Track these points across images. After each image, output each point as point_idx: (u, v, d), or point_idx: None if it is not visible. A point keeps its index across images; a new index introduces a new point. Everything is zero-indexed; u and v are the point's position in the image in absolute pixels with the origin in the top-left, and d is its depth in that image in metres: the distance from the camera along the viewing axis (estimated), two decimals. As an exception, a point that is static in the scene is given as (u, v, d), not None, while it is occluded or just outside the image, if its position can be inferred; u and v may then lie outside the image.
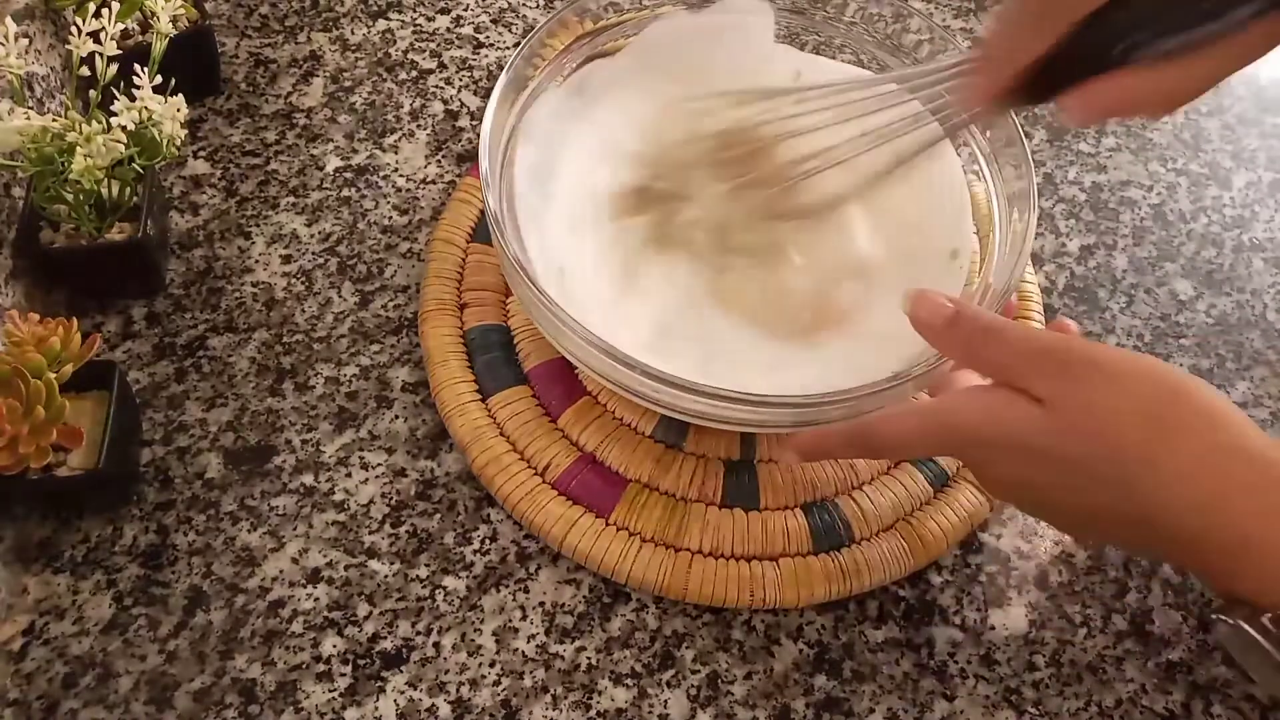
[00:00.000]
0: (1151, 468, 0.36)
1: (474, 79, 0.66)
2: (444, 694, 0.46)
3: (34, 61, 0.56)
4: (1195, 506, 0.35)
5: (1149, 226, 0.63)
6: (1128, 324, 0.59)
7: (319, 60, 0.66)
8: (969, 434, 0.39)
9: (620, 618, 0.48)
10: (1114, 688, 0.47)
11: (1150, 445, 0.36)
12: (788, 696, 0.46)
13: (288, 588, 0.48)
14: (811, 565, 0.48)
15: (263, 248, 0.58)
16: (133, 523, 0.49)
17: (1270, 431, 0.55)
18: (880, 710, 0.46)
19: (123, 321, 0.55)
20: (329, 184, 0.61)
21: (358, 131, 0.63)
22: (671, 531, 0.49)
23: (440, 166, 0.62)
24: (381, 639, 0.47)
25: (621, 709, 0.46)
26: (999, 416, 0.38)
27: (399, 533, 0.50)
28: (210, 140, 0.62)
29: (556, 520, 0.48)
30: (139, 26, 0.59)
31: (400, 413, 0.53)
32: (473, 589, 0.48)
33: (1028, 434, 0.38)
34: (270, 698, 0.45)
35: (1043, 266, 0.61)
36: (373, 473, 0.51)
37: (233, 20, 0.68)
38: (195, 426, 0.52)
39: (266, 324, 0.56)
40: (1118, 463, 0.36)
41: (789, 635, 0.48)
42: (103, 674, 0.45)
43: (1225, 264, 0.62)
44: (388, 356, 0.55)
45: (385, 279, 0.58)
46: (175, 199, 0.60)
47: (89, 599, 0.47)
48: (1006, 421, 0.38)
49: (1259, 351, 0.58)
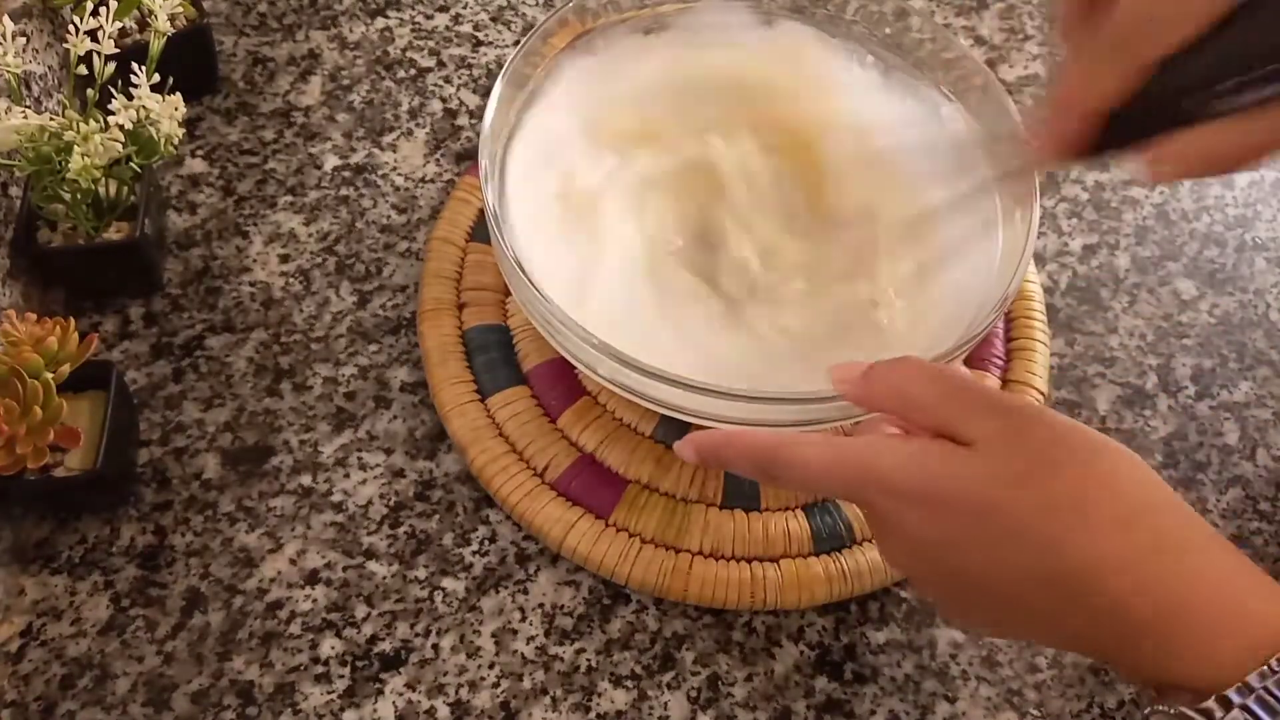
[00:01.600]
0: (1083, 518, 0.33)
1: (473, 77, 0.66)
2: (443, 696, 0.45)
3: (31, 60, 0.55)
4: (1126, 564, 0.33)
5: (1152, 225, 0.63)
6: (1130, 324, 0.59)
7: (317, 59, 0.66)
8: (884, 480, 0.36)
9: (620, 619, 0.48)
10: (1116, 690, 0.47)
11: (1084, 495, 0.33)
12: (789, 698, 0.46)
13: (286, 589, 0.48)
14: (812, 566, 0.48)
15: (260, 247, 0.58)
16: (130, 523, 0.49)
17: (1273, 432, 0.55)
18: (882, 712, 0.46)
19: (120, 321, 0.55)
20: (327, 183, 0.61)
21: (356, 130, 0.63)
22: (671, 533, 0.48)
23: (439, 165, 0.62)
24: (380, 640, 0.47)
25: (621, 711, 0.45)
26: (923, 463, 0.35)
27: (397, 534, 0.49)
28: (208, 139, 0.62)
29: (556, 521, 0.48)
30: (136, 25, 0.59)
31: (399, 413, 0.53)
32: (472, 590, 0.48)
33: (952, 483, 0.34)
34: (268, 699, 0.45)
35: (1045, 266, 0.61)
36: (371, 473, 0.51)
37: (230, 18, 0.68)
38: (193, 427, 0.52)
39: (264, 324, 0.55)
40: (1049, 509, 0.33)
41: (790, 637, 0.48)
42: (100, 675, 0.45)
43: (1228, 263, 0.62)
44: (386, 356, 0.55)
45: (384, 278, 0.57)
46: (173, 198, 0.59)
47: (86, 600, 0.47)
48: (930, 470, 0.35)
49: (1262, 351, 0.58)
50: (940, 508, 0.35)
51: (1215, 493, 0.53)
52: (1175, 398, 0.56)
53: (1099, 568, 0.33)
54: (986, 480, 0.34)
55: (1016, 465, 0.34)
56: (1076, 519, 0.33)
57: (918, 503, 0.35)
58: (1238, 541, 0.52)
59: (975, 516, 0.34)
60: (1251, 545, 0.52)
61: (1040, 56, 0.69)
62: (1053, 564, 0.33)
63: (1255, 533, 0.52)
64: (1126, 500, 0.34)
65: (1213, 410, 0.56)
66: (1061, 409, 0.55)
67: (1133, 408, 0.56)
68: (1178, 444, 0.55)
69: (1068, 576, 0.33)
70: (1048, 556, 0.33)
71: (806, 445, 0.38)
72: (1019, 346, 0.55)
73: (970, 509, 0.34)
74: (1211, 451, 0.55)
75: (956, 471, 0.35)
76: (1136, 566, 0.32)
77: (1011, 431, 0.35)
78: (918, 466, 0.35)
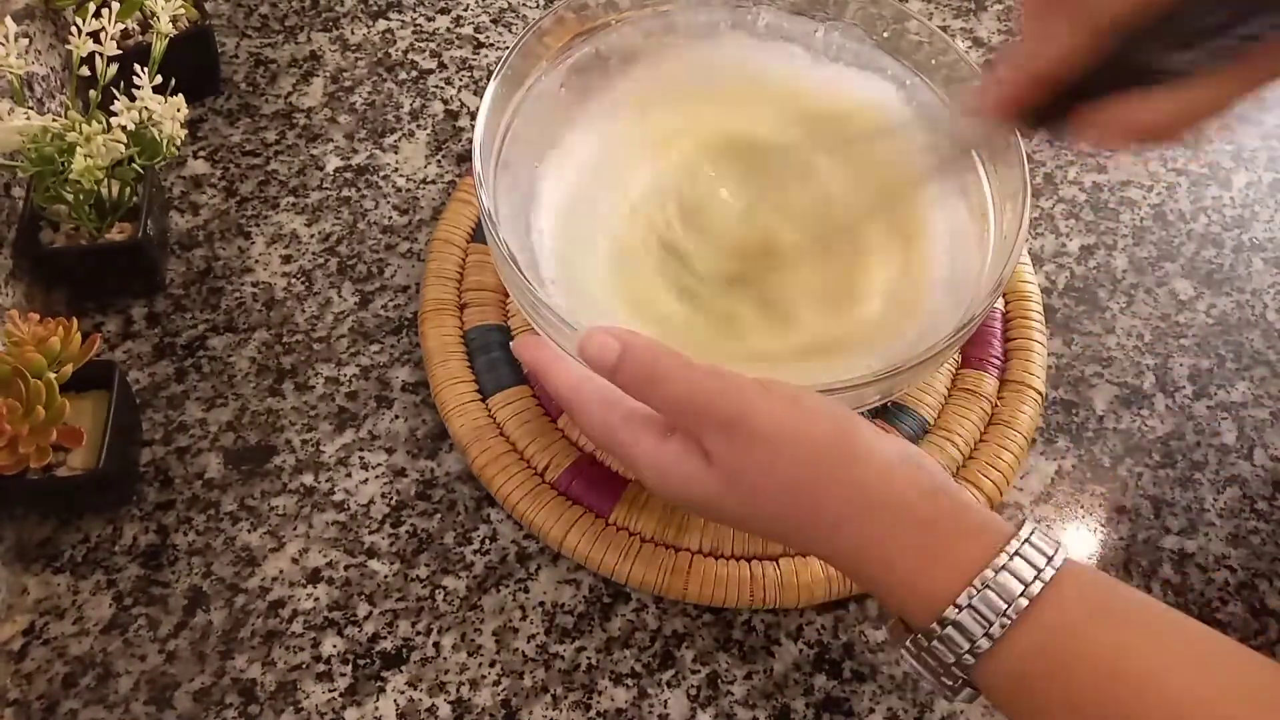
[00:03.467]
0: (801, 530, 0.38)
1: (474, 79, 0.66)
2: (444, 694, 0.46)
3: (34, 61, 0.56)
4: (848, 553, 0.37)
5: (1149, 226, 0.63)
6: (1128, 324, 0.59)
7: (319, 60, 0.66)
8: (639, 469, 0.40)
9: (620, 618, 0.48)
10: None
11: (799, 511, 0.37)
12: (788, 696, 0.46)
13: (288, 588, 0.48)
14: (812, 565, 0.48)
15: (263, 248, 0.58)
16: (133, 523, 0.49)
17: (1270, 431, 0.55)
18: (880, 710, 0.46)
19: (123, 321, 0.55)
20: (329, 184, 0.61)
21: (358, 131, 0.63)
22: (671, 532, 0.49)
23: (440, 166, 0.62)
24: (381, 639, 0.47)
25: (621, 709, 0.46)
26: (670, 473, 0.39)
27: (399, 533, 0.50)
28: (210, 140, 0.62)
29: (556, 520, 0.48)
30: (139, 26, 0.59)
31: (400, 413, 0.53)
32: (473, 589, 0.48)
33: (695, 493, 0.39)
34: (270, 698, 0.45)
35: (1043, 266, 0.61)
36: (373, 473, 0.51)
37: (232, 20, 0.68)
38: (195, 426, 0.52)
39: (266, 324, 0.56)
40: (777, 519, 0.38)
41: (789, 635, 0.48)
42: (102, 674, 0.45)
43: (1225, 264, 0.62)
44: (388, 356, 0.55)
45: (385, 279, 0.58)
46: (175, 199, 0.60)
47: (89, 599, 0.47)
48: (676, 480, 0.39)
49: (1259, 351, 0.58)
50: (692, 503, 0.39)
51: (1213, 492, 0.53)
52: (1173, 398, 0.56)
53: (832, 559, 0.39)
54: (723, 495, 0.38)
55: (744, 490, 0.38)
56: (798, 532, 0.38)
57: (673, 497, 0.40)
58: (1235, 541, 0.52)
59: (726, 514, 0.39)
60: (1249, 545, 0.52)
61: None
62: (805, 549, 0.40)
63: (1253, 532, 0.52)
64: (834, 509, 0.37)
65: (1210, 410, 0.56)
66: (1059, 409, 0.55)
67: (1130, 408, 0.56)
68: (1175, 444, 0.55)
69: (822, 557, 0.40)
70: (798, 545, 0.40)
71: (585, 400, 0.42)
72: (1017, 346, 0.55)
73: (721, 511, 0.39)
74: (1209, 451, 0.55)
75: (697, 484, 0.38)
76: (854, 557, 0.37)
77: (739, 458, 0.38)
78: (662, 476, 0.39)
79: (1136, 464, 0.54)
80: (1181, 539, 0.52)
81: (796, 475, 0.37)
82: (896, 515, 0.36)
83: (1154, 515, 0.53)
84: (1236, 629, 0.49)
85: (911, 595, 0.35)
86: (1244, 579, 0.51)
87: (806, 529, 0.38)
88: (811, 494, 0.37)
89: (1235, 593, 0.50)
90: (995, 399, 0.54)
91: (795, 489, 0.37)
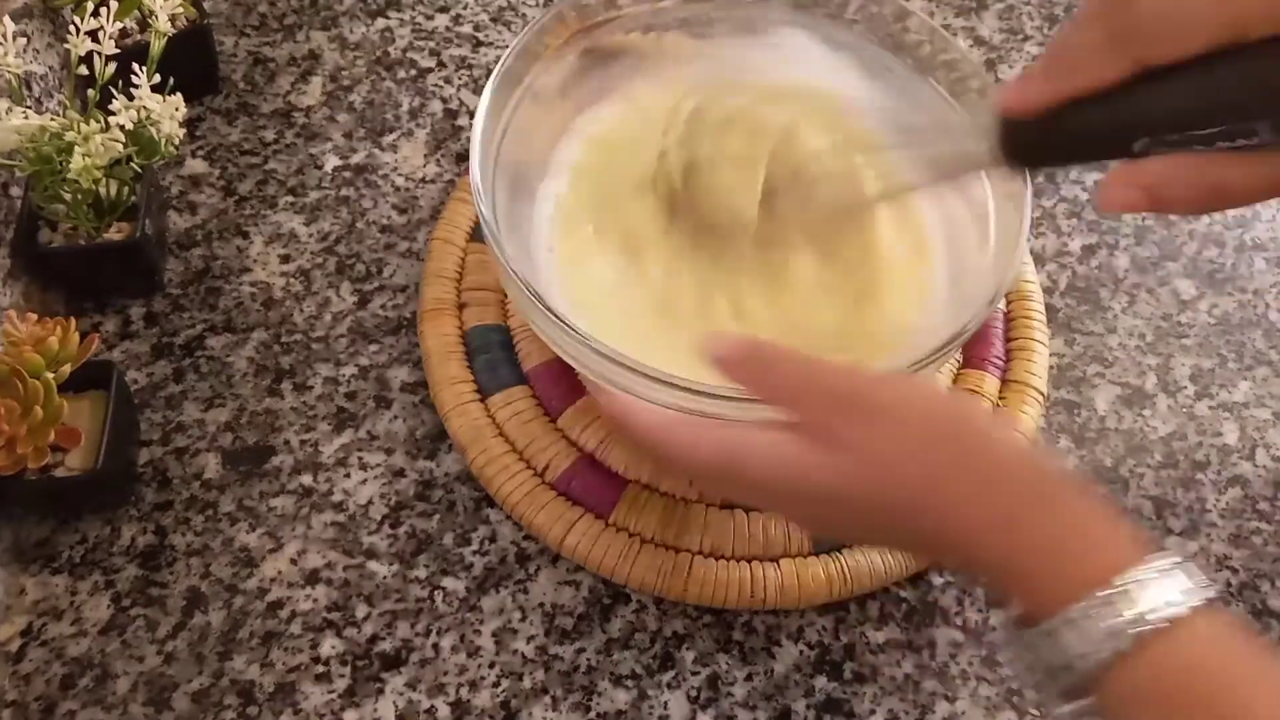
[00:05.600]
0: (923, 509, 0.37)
1: (473, 78, 0.66)
2: (443, 695, 0.45)
3: (32, 60, 0.55)
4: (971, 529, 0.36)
5: (1151, 226, 0.63)
6: (1129, 324, 0.59)
7: (318, 59, 0.66)
8: (756, 480, 0.39)
9: (620, 619, 0.48)
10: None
11: (928, 484, 0.36)
12: (788, 698, 0.46)
13: (286, 588, 0.48)
14: (812, 566, 0.48)
15: (261, 247, 0.58)
16: (131, 523, 0.49)
17: (1272, 431, 0.55)
18: (881, 711, 0.46)
19: (121, 321, 0.55)
20: (327, 183, 0.61)
21: (356, 130, 0.63)
22: (671, 532, 0.49)
23: (439, 166, 0.62)
24: (380, 640, 0.47)
25: (621, 710, 0.45)
26: (790, 467, 0.38)
27: (398, 533, 0.49)
28: (208, 139, 0.62)
29: (556, 521, 0.48)
30: (137, 25, 0.59)
31: (399, 413, 0.53)
32: (472, 590, 0.48)
33: (818, 483, 0.37)
34: (269, 699, 0.45)
35: (1044, 266, 0.61)
36: (371, 473, 0.51)
37: (231, 19, 0.68)
38: (193, 427, 0.52)
39: (265, 324, 0.55)
40: (901, 497, 0.37)
41: (789, 636, 0.48)
42: (101, 675, 0.45)
43: (1227, 264, 0.62)
44: (386, 356, 0.55)
45: (384, 279, 0.57)
46: (173, 198, 0.59)
47: (87, 600, 0.47)
48: (796, 473, 0.38)
49: (1261, 351, 0.58)
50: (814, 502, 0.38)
51: (1214, 492, 0.53)
52: (1174, 398, 0.56)
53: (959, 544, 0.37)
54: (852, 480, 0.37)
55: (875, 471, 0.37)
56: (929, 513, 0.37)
57: (790, 497, 0.39)
58: (1237, 541, 0.52)
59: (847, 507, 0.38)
60: (1251, 545, 0.52)
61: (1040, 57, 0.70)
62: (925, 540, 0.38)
63: (1255, 532, 0.52)
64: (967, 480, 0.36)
65: (1212, 410, 0.56)
66: (1060, 409, 0.55)
67: (1132, 407, 0.56)
68: (1177, 444, 0.55)
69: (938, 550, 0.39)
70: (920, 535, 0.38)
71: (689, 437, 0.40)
72: (1018, 346, 0.55)
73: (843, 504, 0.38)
74: (1211, 451, 0.55)
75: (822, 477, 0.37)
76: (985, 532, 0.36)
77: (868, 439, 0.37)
78: (786, 471, 0.38)
79: (1138, 464, 0.54)
80: (1183, 539, 0.52)
81: (925, 443, 0.37)
82: (1034, 495, 0.35)
83: (1155, 516, 0.52)
84: (1238, 630, 0.49)
85: (1045, 581, 0.34)
86: (1246, 579, 0.51)
87: (930, 509, 0.36)
88: (942, 464, 0.36)
89: (1237, 593, 0.50)
90: (997, 399, 0.54)
91: (924, 459, 0.36)
